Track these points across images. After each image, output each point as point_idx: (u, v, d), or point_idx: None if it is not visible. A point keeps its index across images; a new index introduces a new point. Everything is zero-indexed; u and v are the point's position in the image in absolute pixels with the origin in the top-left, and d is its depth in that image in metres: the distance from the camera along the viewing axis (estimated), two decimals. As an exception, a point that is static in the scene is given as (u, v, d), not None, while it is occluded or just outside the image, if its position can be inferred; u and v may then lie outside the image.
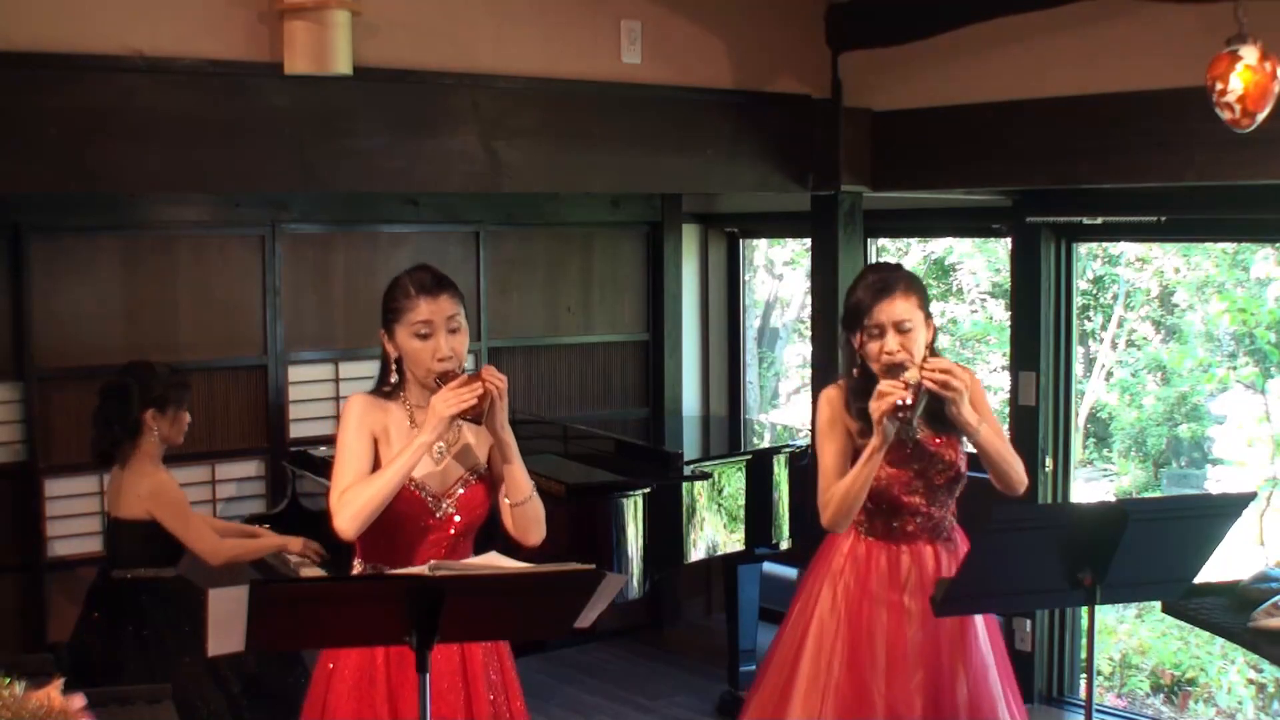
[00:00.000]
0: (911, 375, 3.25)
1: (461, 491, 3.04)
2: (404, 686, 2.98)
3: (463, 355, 3.03)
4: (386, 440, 3.02)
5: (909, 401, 3.22)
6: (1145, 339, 8.00)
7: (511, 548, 3.10)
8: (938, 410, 3.35)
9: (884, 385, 3.26)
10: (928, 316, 3.41)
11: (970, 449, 3.46)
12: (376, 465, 2.99)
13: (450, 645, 2.99)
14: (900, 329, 3.34)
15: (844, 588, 3.50)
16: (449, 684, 3.00)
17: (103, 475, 5.05)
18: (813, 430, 3.72)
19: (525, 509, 3.04)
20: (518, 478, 3.03)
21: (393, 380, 3.07)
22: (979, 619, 3.49)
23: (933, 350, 3.42)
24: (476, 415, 2.91)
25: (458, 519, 3.03)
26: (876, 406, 3.25)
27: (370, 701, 2.98)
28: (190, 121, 3.70)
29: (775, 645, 3.66)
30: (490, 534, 3.17)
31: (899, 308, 3.35)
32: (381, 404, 3.05)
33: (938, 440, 3.43)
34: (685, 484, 4.90)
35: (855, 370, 3.45)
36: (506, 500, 3.05)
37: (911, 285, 3.40)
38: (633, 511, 4.69)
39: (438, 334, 2.99)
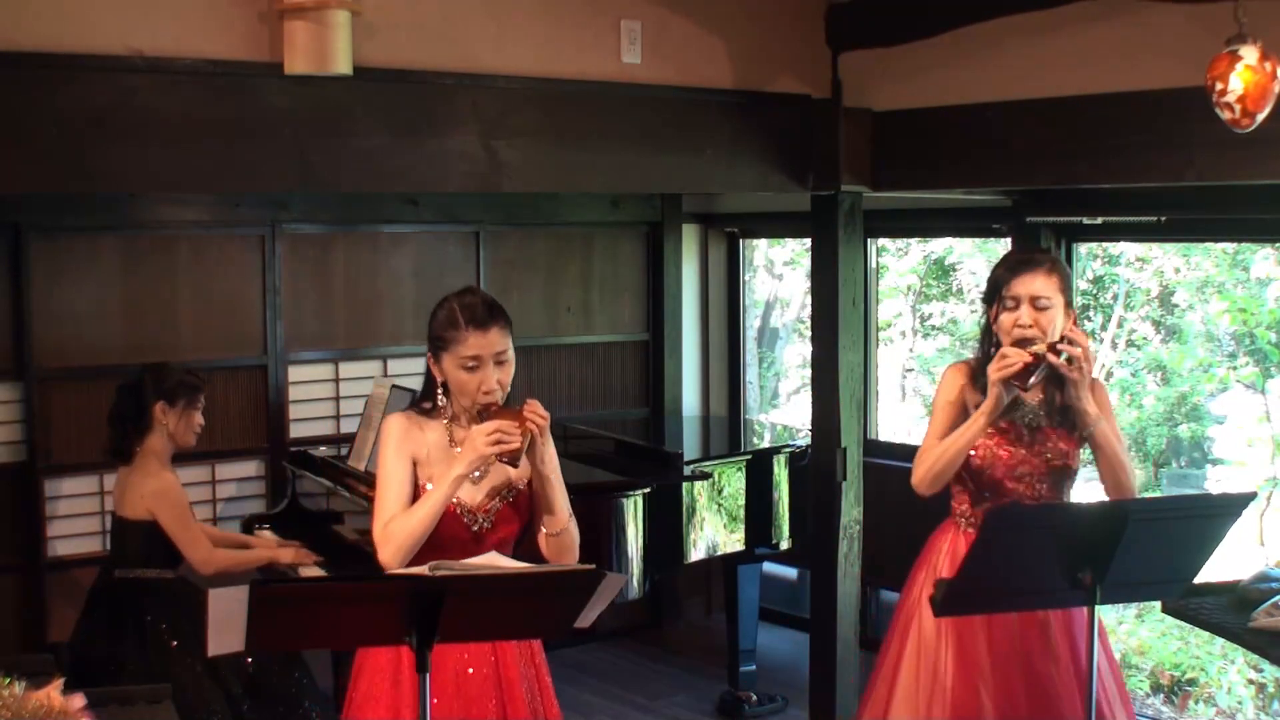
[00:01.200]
0: (1038, 349, 3.29)
1: (498, 509, 3.05)
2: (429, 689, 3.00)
3: (508, 386, 3.02)
4: (427, 461, 3.02)
5: (1029, 362, 3.25)
6: (1145, 339, 7.99)
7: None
8: (1059, 398, 3.38)
9: (1007, 350, 3.31)
10: (1068, 305, 3.42)
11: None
12: (415, 489, 3.00)
13: (484, 647, 3.01)
14: (1036, 305, 3.37)
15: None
16: (479, 690, 3.00)
17: (103, 475, 5.06)
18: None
19: (561, 539, 3.05)
20: (557, 511, 3.03)
21: (440, 401, 3.07)
22: (1082, 615, 3.46)
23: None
24: (514, 457, 2.91)
25: (493, 535, 3.04)
26: (995, 367, 3.29)
27: (394, 704, 2.98)
28: (190, 121, 3.69)
29: (883, 650, 3.67)
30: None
31: (1039, 284, 3.38)
32: (420, 423, 3.06)
33: (1054, 430, 3.45)
34: (685, 484, 4.90)
35: (992, 349, 3.47)
36: (544, 530, 3.05)
37: (1056, 267, 3.44)
38: (633, 511, 4.69)
39: (485, 367, 2.98)
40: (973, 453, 3.45)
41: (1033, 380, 3.30)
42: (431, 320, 3.06)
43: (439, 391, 3.05)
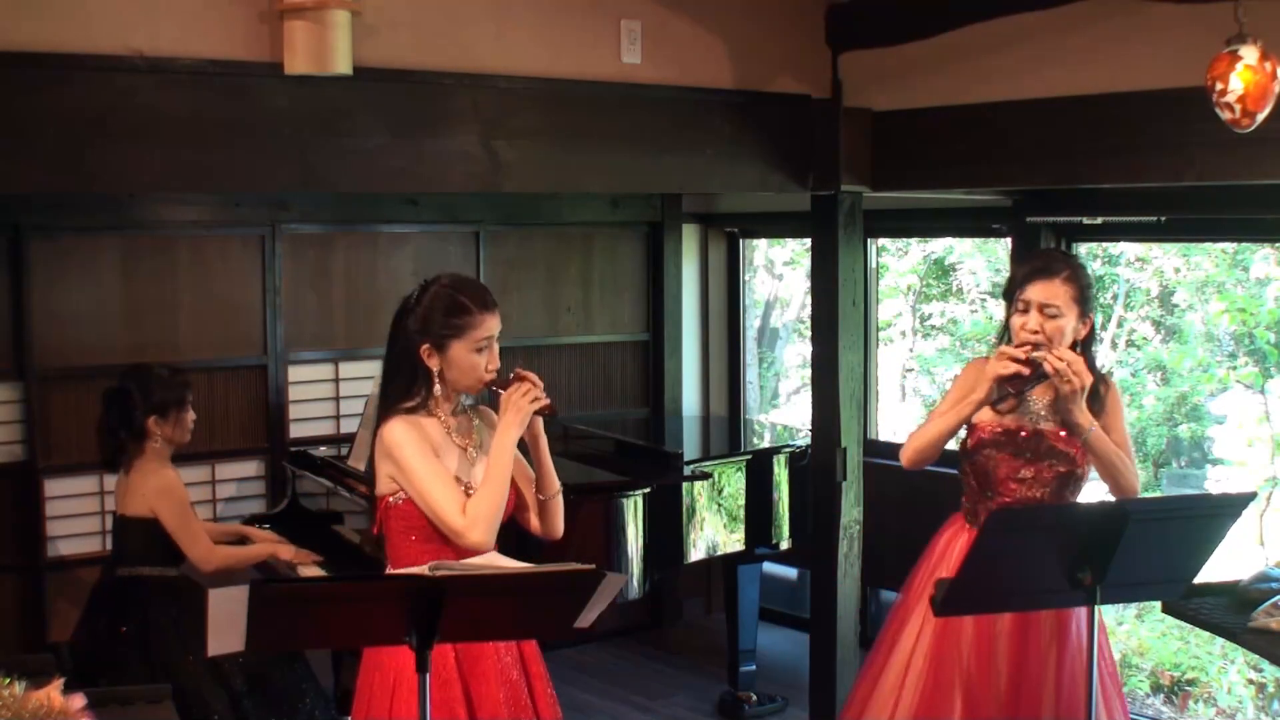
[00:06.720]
0: (1037, 355, 3.34)
1: None
2: (483, 686, 3.03)
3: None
4: (438, 452, 3.08)
5: (1025, 373, 3.32)
6: (1145, 339, 7.99)
7: (511, 548, 3.11)
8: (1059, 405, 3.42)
9: (1005, 349, 3.40)
10: (1084, 315, 3.44)
11: None
12: None
13: (511, 648, 3.09)
14: (1045, 311, 3.40)
15: (939, 575, 3.51)
16: (507, 694, 3.06)
17: (103, 475, 5.06)
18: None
19: (557, 501, 3.18)
20: (550, 472, 3.17)
21: (436, 391, 3.11)
22: (1081, 614, 3.44)
23: (1085, 356, 3.44)
24: (550, 411, 3.09)
25: None
26: (992, 364, 3.39)
27: (446, 703, 2.99)
28: (190, 121, 3.69)
29: (876, 645, 3.73)
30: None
31: (1050, 291, 3.41)
32: (418, 421, 3.10)
33: (1061, 434, 3.48)
34: (685, 484, 4.90)
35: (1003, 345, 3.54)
36: (540, 496, 3.16)
37: (1073, 276, 3.45)
38: (633, 511, 4.69)
39: (493, 346, 3.12)
40: (981, 454, 3.48)
41: (1027, 389, 3.36)
42: (430, 313, 3.10)
43: (434, 382, 3.10)
